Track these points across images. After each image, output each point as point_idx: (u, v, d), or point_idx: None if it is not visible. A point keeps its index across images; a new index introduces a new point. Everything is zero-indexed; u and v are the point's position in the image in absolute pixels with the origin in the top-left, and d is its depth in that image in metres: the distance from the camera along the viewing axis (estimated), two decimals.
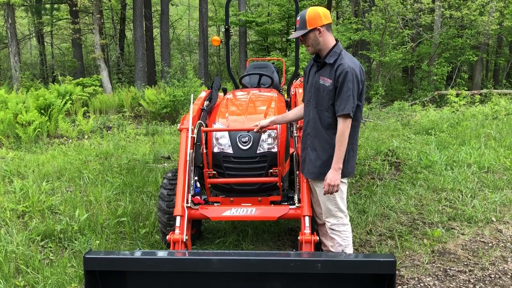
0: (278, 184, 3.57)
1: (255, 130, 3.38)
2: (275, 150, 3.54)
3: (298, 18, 3.05)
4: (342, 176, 3.13)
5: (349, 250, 3.24)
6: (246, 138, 3.53)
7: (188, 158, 3.55)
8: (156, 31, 23.78)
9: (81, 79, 15.94)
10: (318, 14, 3.00)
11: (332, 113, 3.03)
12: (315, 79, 3.14)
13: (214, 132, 3.60)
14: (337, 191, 3.05)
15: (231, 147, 3.55)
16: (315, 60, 3.20)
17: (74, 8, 17.21)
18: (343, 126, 2.96)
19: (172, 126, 11.19)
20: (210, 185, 3.71)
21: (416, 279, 3.50)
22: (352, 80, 2.94)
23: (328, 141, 3.07)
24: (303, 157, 3.30)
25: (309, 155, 3.19)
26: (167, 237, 3.25)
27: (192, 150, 3.62)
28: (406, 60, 17.65)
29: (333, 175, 3.00)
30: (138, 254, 2.62)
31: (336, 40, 3.11)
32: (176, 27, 30.90)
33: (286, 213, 3.49)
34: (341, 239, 3.20)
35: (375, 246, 4.06)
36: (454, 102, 12.62)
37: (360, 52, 17.72)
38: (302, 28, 3.02)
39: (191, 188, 3.58)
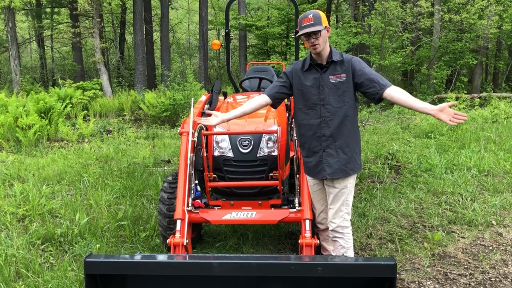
0: (278, 187, 3.57)
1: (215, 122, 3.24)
2: (275, 153, 3.54)
3: (310, 16, 3.02)
4: (354, 172, 3.15)
5: (351, 252, 3.24)
6: (247, 142, 3.54)
7: (188, 162, 3.55)
8: (156, 35, 23.85)
9: (81, 82, 15.96)
10: (324, 15, 3.13)
11: (352, 105, 3.09)
12: (323, 81, 3.10)
13: (215, 136, 3.61)
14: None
15: (231, 150, 3.55)
16: (314, 64, 3.15)
17: (74, 12, 17.29)
18: (399, 89, 2.98)
19: (172, 129, 11.20)
20: (210, 189, 3.71)
21: (417, 282, 3.50)
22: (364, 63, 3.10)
23: (351, 136, 3.09)
24: (316, 160, 3.17)
25: (332, 156, 3.11)
26: (168, 240, 3.25)
27: (192, 154, 3.63)
28: (406, 64, 17.68)
29: (432, 105, 2.86)
30: (138, 257, 2.61)
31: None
32: (176, 30, 30.97)
33: (287, 216, 3.49)
34: (344, 241, 3.20)
35: (376, 250, 4.06)
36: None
37: (360, 55, 17.74)
38: (318, 24, 3.01)
39: (192, 192, 3.59)
